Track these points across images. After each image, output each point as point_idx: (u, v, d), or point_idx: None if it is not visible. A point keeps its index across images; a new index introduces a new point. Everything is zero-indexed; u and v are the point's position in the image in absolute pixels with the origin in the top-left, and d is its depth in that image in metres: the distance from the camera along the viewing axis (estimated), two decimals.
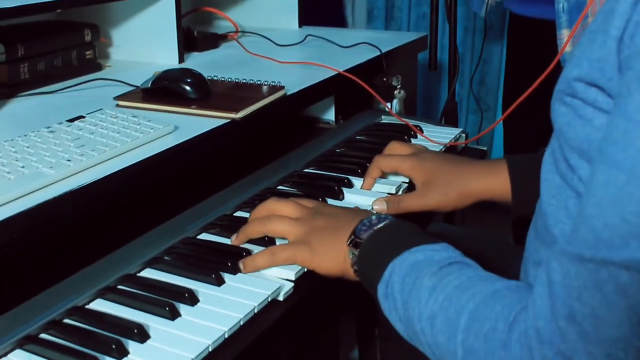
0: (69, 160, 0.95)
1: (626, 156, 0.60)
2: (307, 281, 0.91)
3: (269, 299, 0.85)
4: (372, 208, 1.09)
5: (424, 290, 0.77)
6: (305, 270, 0.91)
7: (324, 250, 0.91)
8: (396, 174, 1.17)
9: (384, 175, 1.17)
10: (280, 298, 0.87)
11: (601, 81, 0.67)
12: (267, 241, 0.95)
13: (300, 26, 1.95)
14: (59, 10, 1.41)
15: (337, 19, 2.96)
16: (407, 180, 1.17)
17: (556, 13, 1.67)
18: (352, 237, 0.89)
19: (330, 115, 1.50)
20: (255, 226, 0.96)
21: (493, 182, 1.09)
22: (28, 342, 0.77)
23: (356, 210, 1.02)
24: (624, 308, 0.60)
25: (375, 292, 0.83)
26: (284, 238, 0.95)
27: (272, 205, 0.98)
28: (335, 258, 0.90)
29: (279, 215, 0.96)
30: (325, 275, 0.91)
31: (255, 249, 0.94)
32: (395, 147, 1.20)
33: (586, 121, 0.70)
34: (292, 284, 0.89)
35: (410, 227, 0.89)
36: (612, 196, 0.61)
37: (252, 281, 0.88)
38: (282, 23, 1.95)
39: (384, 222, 0.89)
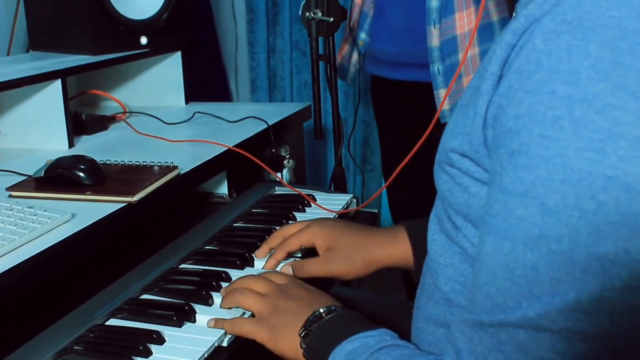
0: None
1: (507, 225, 0.65)
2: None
3: None
4: None
5: None
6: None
7: (281, 336, 0.95)
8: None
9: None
10: None
11: (470, 153, 0.74)
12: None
13: (187, 103, 1.98)
14: None
15: (222, 91, 3.01)
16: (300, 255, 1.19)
17: (432, 75, 1.79)
18: (303, 328, 0.93)
19: (223, 190, 1.54)
20: (227, 298, 1.03)
21: (395, 249, 1.14)
22: None
23: (320, 295, 1.03)
24: None
25: None
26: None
27: (244, 281, 1.05)
28: (289, 345, 0.94)
29: (249, 290, 1.02)
30: (280, 356, 0.96)
31: (166, 330, 0.95)
32: (288, 229, 1.21)
33: (464, 189, 0.77)
34: None
35: (355, 316, 0.93)
36: (501, 263, 0.66)
37: None
38: (168, 101, 1.97)
39: (331, 315, 0.93)
